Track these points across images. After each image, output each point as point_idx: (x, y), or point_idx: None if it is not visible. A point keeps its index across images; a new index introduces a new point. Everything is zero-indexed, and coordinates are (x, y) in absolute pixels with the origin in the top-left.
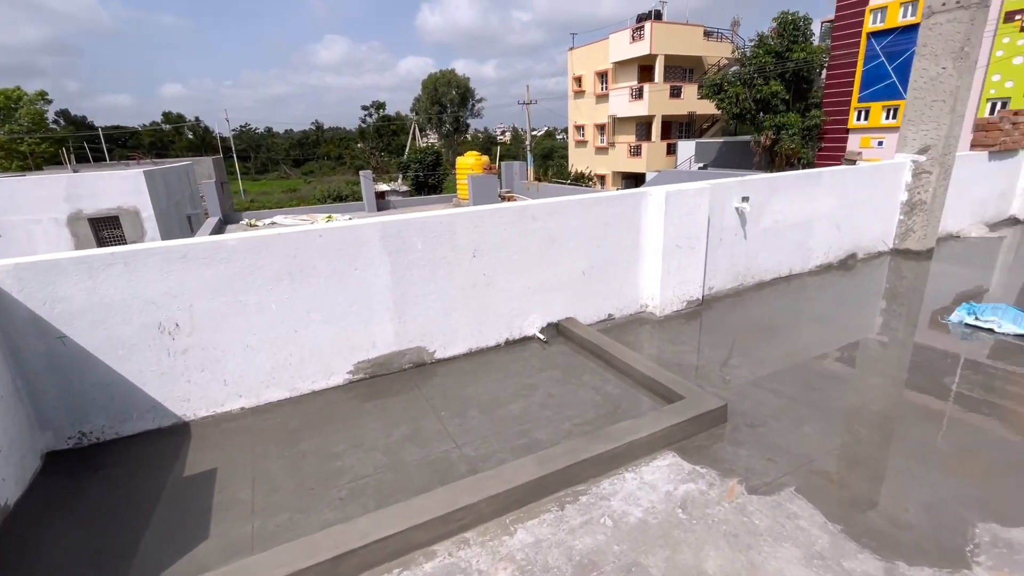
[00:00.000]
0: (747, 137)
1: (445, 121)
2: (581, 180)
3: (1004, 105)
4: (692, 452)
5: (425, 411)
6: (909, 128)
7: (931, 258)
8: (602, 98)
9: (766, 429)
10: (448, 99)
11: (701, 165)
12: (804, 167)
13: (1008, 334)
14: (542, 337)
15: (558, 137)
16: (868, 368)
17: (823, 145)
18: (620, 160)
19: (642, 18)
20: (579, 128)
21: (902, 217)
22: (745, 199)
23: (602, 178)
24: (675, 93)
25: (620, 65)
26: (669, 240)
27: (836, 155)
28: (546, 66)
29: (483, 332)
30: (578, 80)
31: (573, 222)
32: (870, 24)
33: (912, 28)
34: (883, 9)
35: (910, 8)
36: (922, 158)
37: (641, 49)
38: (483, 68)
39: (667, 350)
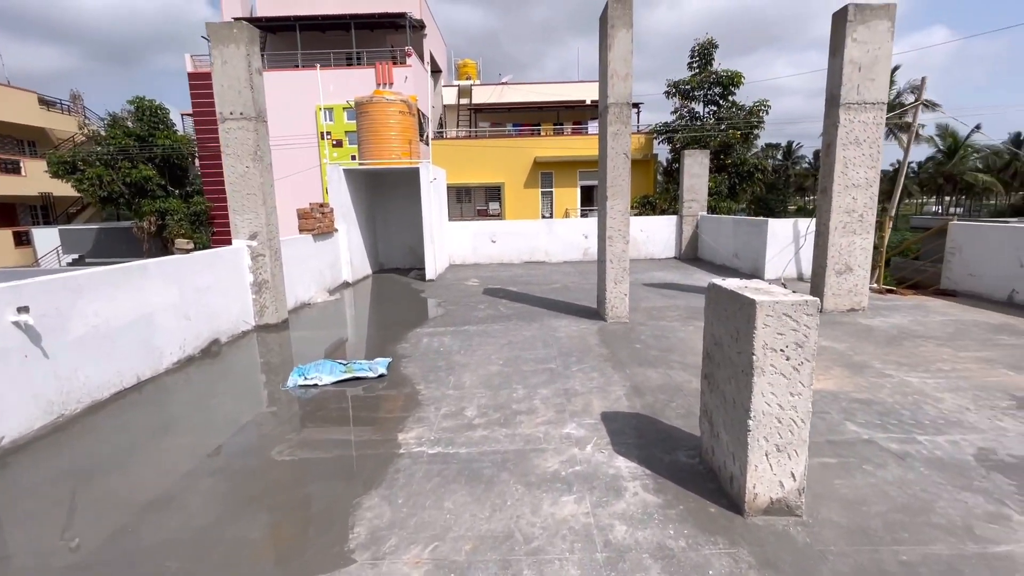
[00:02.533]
0: (130, 223)
1: None
2: None
3: None
4: None
5: None
6: (236, 217)
7: (288, 328)
8: None
9: None
10: None
11: (75, 257)
12: (201, 250)
13: (329, 384)
14: None
15: None
16: (204, 469)
17: (215, 230)
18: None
19: None
20: None
21: (255, 296)
22: (24, 309)
23: None
24: (12, 168)
25: None
26: None
27: (228, 238)
28: None
29: None
30: None
31: None
32: None
33: None
34: None
35: None
36: (254, 243)
37: None
38: None
39: None
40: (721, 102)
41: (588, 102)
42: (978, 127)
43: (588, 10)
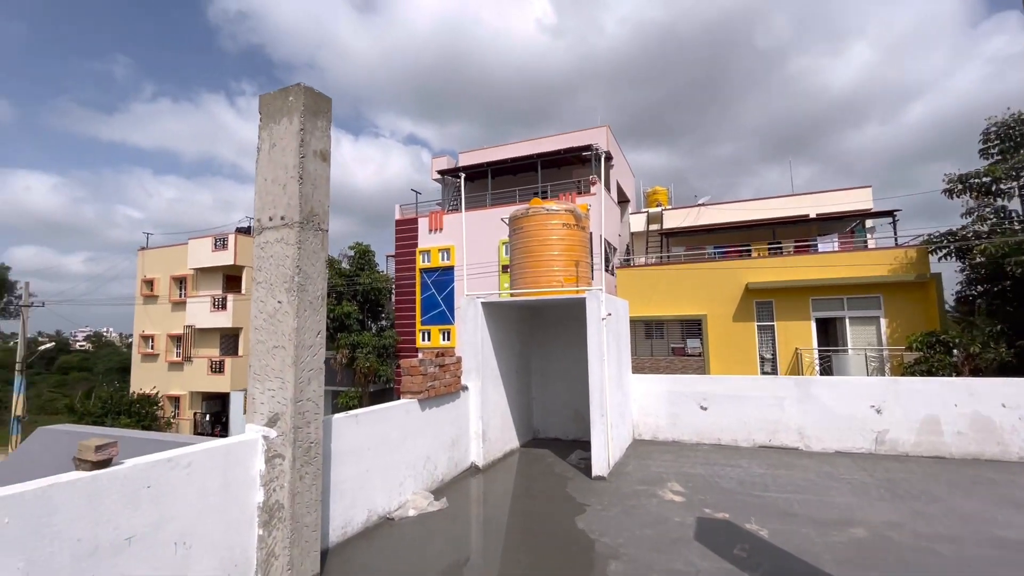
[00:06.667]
0: (328, 355)
1: None
2: (143, 405)
3: None
4: None
5: None
6: (256, 386)
7: None
8: (180, 305)
9: None
10: None
11: None
12: (384, 384)
13: None
14: None
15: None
16: None
17: (400, 362)
18: (199, 378)
19: (241, 231)
20: (147, 339)
21: (262, 532)
22: None
23: (176, 399)
24: (222, 305)
25: (203, 272)
26: None
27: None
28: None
29: None
30: (149, 283)
31: None
32: (421, 262)
33: (450, 268)
34: (428, 252)
35: (443, 253)
36: (272, 432)
37: (225, 258)
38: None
39: None
40: None
41: (813, 216)
42: None
43: (776, 137)
